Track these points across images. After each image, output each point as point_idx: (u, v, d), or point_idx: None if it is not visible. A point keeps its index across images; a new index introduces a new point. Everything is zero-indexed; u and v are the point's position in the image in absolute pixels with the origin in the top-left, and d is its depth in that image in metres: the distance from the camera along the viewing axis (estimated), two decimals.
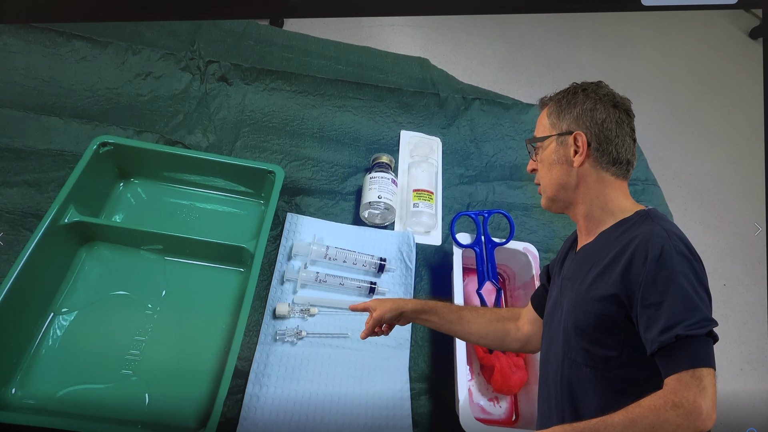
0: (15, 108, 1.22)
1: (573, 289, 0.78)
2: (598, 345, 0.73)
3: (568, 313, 0.78)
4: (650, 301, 0.68)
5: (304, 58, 1.50)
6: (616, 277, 0.72)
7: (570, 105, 0.82)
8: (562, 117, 0.82)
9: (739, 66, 2.70)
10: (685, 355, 0.65)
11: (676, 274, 0.68)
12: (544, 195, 0.85)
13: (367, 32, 2.37)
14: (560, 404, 0.77)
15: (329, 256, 1.14)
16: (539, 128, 0.86)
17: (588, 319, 0.74)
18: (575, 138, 0.80)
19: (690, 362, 0.65)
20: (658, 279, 0.69)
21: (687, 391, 0.64)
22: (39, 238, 0.96)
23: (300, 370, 1.02)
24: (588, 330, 0.74)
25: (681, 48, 2.73)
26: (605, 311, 0.72)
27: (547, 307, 0.88)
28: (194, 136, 1.30)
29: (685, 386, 0.64)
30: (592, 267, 0.77)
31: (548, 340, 0.83)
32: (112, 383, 0.94)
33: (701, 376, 0.65)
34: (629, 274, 0.71)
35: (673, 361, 0.66)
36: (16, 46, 1.29)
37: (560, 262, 0.89)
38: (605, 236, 0.79)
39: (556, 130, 0.82)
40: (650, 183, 1.48)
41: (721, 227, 2.13)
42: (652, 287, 0.69)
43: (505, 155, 1.47)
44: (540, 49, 2.64)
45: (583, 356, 0.74)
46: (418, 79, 1.56)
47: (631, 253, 0.72)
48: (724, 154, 2.38)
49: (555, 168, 0.82)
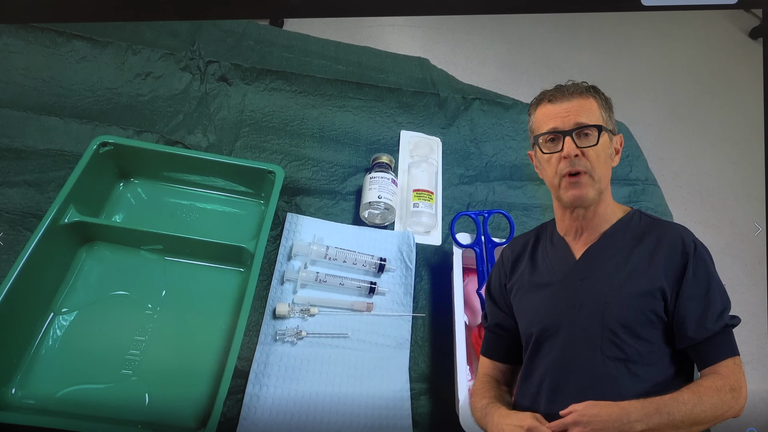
0: (15, 108, 1.22)
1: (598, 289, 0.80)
2: (642, 340, 0.77)
3: (598, 312, 0.79)
4: (693, 293, 0.76)
5: (304, 58, 1.50)
6: (658, 273, 0.77)
7: (610, 107, 0.87)
8: (609, 115, 0.86)
9: (739, 66, 2.70)
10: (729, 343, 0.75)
11: (710, 267, 0.77)
12: (596, 185, 0.82)
13: (367, 32, 2.37)
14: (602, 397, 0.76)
15: (329, 256, 1.14)
16: (591, 115, 0.83)
17: (633, 315, 0.77)
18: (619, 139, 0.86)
19: (732, 350, 0.75)
20: (698, 272, 0.76)
21: (738, 375, 0.74)
22: (39, 238, 0.96)
23: (300, 370, 1.02)
24: (634, 326, 0.77)
25: (681, 48, 2.73)
26: (650, 306, 0.77)
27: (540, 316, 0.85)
28: (194, 136, 1.30)
29: (736, 372, 0.74)
30: (616, 266, 0.80)
31: (563, 344, 0.81)
32: (112, 383, 0.94)
33: (740, 363, 0.75)
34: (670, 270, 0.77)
35: (719, 349, 0.75)
36: (16, 46, 1.29)
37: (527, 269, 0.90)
38: (614, 235, 0.83)
39: (610, 126, 0.86)
40: (650, 183, 1.48)
41: (721, 227, 2.13)
42: (694, 281, 0.76)
43: (505, 155, 1.47)
44: (540, 49, 2.63)
45: (627, 353, 0.77)
46: (418, 79, 1.56)
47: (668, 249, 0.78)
48: (724, 154, 2.38)
49: (608, 162, 0.84)
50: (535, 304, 0.87)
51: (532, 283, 0.88)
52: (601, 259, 0.81)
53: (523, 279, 0.90)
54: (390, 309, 1.12)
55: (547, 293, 0.85)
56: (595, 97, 0.86)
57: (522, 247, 0.93)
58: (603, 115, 0.85)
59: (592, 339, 0.79)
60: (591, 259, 0.82)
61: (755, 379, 1.63)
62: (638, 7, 1.07)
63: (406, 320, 1.12)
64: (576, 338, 0.81)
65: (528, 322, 0.87)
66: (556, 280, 0.85)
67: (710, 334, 0.74)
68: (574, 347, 0.81)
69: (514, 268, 0.92)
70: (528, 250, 0.91)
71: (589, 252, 0.83)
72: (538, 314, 0.86)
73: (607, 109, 0.86)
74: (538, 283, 0.87)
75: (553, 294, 0.84)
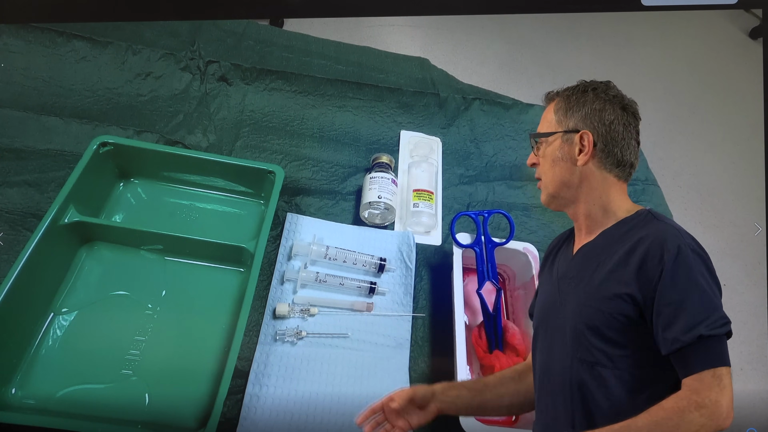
0: (15, 108, 1.22)
1: (580, 289, 0.78)
2: (611, 344, 0.73)
3: (576, 312, 0.77)
4: (669, 300, 0.68)
5: (304, 58, 1.50)
6: (630, 276, 0.71)
7: (579, 103, 0.82)
8: (569, 114, 0.82)
9: (739, 66, 2.70)
10: (706, 355, 0.66)
11: (694, 273, 0.68)
12: (545, 191, 0.84)
13: (367, 32, 2.37)
14: (569, 407, 0.76)
15: (329, 256, 1.14)
16: (544, 123, 0.85)
17: (601, 317, 0.73)
18: (581, 137, 0.80)
19: (710, 362, 0.65)
20: (677, 278, 0.69)
21: (709, 391, 0.64)
22: (39, 238, 0.96)
23: (300, 370, 1.02)
24: (601, 329, 0.73)
25: (681, 48, 2.73)
26: (618, 310, 0.72)
27: (538, 310, 0.87)
28: (194, 136, 1.30)
29: (707, 386, 0.65)
30: (599, 266, 0.77)
31: (548, 343, 0.82)
32: (112, 383, 0.94)
33: (721, 376, 0.65)
34: (644, 273, 0.70)
35: (693, 361, 0.66)
36: (16, 46, 1.29)
37: (550, 263, 0.89)
38: (608, 235, 0.79)
39: (563, 127, 0.82)
40: (650, 183, 1.48)
41: (721, 227, 2.13)
42: (671, 286, 0.68)
43: (505, 155, 1.47)
44: (540, 49, 2.64)
45: (595, 356, 0.74)
46: (418, 79, 1.56)
47: (644, 251, 0.71)
48: (724, 154, 2.38)
49: (558, 165, 0.82)
50: (539, 301, 0.88)
51: (544, 278, 0.89)
52: (590, 259, 0.80)
53: (543, 273, 0.91)
54: (390, 309, 1.12)
55: (547, 290, 0.86)
56: (555, 101, 0.85)
57: (558, 240, 0.92)
58: (555, 118, 0.83)
59: (566, 340, 0.78)
60: (581, 258, 0.82)
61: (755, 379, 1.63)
62: (638, 7, 1.07)
63: (406, 320, 1.12)
64: (555, 339, 0.80)
65: (534, 319, 0.89)
66: (556, 277, 0.85)
67: (681, 345, 0.66)
68: (553, 348, 0.80)
69: (545, 262, 0.92)
70: (561, 244, 0.90)
71: (581, 251, 0.82)
72: (537, 311, 0.88)
73: (568, 109, 0.82)
74: (546, 279, 0.88)
75: (550, 291, 0.85)
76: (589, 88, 0.82)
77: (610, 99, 0.81)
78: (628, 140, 0.80)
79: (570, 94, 0.83)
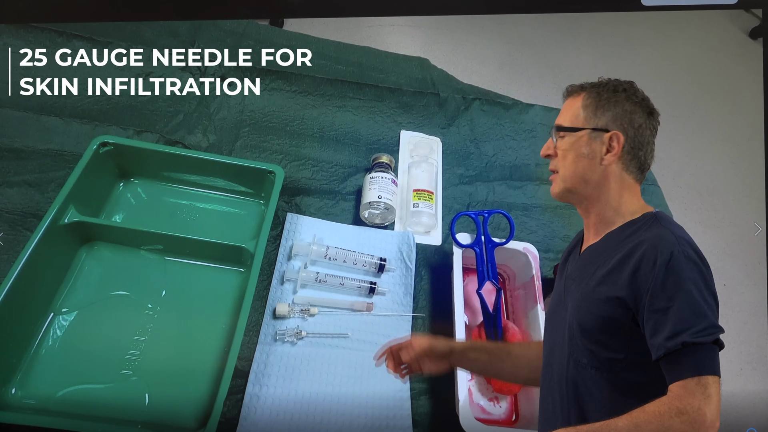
0: (15, 108, 1.22)
1: (578, 290, 0.78)
2: (603, 346, 0.73)
3: (572, 313, 0.77)
4: (658, 306, 0.68)
5: None
6: (624, 280, 0.72)
7: (610, 102, 0.81)
8: (600, 112, 0.81)
9: (739, 66, 2.71)
10: (691, 362, 0.65)
11: (684, 280, 0.68)
12: (562, 184, 0.83)
13: (367, 32, 2.37)
14: (565, 405, 0.76)
15: (329, 256, 1.14)
16: (570, 116, 0.83)
17: (593, 320, 0.74)
18: (611, 137, 0.79)
19: (695, 369, 0.65)
20: (667, 284, 0.68)
21: (692, 398, 0.64)
22: (39, 238, 0.96)
23: (300, 370, 1.02)
24: (593, 331, 0.74)
25: (681, 48, 2.73)
26: (610, 313, 0.72)
27: (548, 308, 0.88)
28: (194, 136, 1.30)
29: (690, 393, 0.64)
30: (598, 268, 0.77)
31: (551, 340, 0.83)
32: (112, 383, 0.94)
33: (706, 384, 0.64)
34: (637, 278, 0.70)
35: (678, 368, 0.66)
36: (16, 46, 1.29)
37: (563, 261, 0.89)
38: (611, 237, 0.79)
39: (592, 124, 0.81)
40: (650, 183, 1.48)
41: (721, 227, 2.14)
42: (661, 292, 0.68)
43: (505, 155, 1.47)
44: (540, 49, 2.64)
45: (588, 357, 0.74)
46: (418, 79, 1.56)
47: (640, 256, 0.71)
48: (724, 154, 2.38)
49: (582, 161, 0.81)
50: (550, 299, 0.89)
51: (558, 276, 0.89)
52: (592, 260, 0.80)
53: (559, 271, 0.91)
54: (390, 309, 1.12)
55: (557, 289, 0.87)
56: (585, 94, 0.83)
57: (576, 238, 0.92)
58: (583, 114, 0.82)
59: (564, 340, 0.79)
60: (585, 259, 0.82)
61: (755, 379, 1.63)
62: (638, 7, 1.07)
63: (406, 320, 1.12)
64: (556, 337, 0.81)
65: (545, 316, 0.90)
66: (564, 277, 0.86)
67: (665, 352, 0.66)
68: (554, 346, 0.81)
69: (562, 260, 0.92)
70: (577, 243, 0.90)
71: (586, 252, 0.83)
72: (548, 309, 0.88)
73: (598, 106, 0.81)
74: (559, 278, 0.88)
75: (558, 291, 0.86)
76: (621, 88, 0.82)
77: (638, 102, 0.81)
78: (651, 145, 0.81)
79: (601, 92, 0.82)
